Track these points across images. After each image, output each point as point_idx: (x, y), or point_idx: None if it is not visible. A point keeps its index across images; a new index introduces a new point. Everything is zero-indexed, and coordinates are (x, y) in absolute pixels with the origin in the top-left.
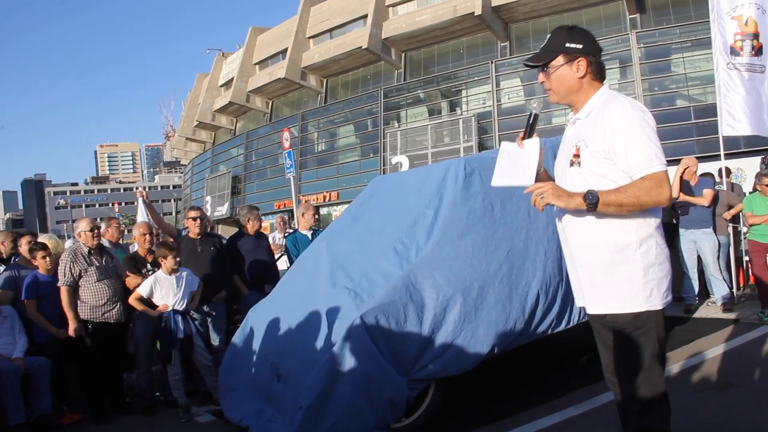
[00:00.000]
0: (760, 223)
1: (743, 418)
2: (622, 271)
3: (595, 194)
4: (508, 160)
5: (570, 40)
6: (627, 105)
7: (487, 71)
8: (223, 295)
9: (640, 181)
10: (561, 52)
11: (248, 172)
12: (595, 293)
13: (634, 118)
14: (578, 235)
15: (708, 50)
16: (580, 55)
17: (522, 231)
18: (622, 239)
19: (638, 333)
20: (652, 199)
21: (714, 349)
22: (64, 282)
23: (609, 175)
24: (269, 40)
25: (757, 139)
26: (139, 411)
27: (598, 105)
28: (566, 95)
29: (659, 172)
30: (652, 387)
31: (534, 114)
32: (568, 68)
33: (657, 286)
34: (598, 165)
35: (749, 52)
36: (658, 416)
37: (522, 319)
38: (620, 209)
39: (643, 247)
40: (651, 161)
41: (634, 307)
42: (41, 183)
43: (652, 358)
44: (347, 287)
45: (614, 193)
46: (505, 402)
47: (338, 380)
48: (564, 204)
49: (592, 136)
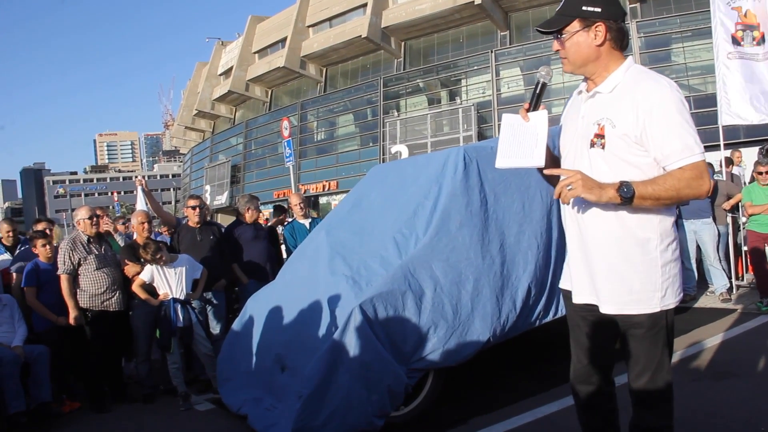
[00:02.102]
0: (759, 213)
1: (740, 407)
2: (640, 268)
3: (630, 187)
4: (512, 136)
5: (587, 3)
6: (665, 85)
7: (487, 60)
8: (223, 283)
9: (680, 171)
10: (577, 16)
11: (247, 161)
12: (608, 290)
13: (674, 101)
14: (596, 226)
15: (708, 40)
16: (599, 19)
17: (515, 224)
18: (643, 233)
19: (651, 333)
20: (693, 191)
21: (712, 338)
22: (64, 270)
23: (638, 162)
24: (268, 29)
25: (756, 128)
26: (139, 399)
27: (626, 81)
28: (582, 65)
29: (699, 161)
30: (662, 384)
31: (542, 83)
32: (584, 34)
33: (672, 284)
34: (626, 150)
35: (750, 42)
36: (667, 413)
37: (514, 312)
38: (657, 203)
39: (662, 244)
40: (692, 149)
41: (648, 307)
42: (40, 172)
43: (663, 356)
44: (346, 275)
45: (651, 185)
46: (503, 391)
47: (337, 369)
48: (596, 197)
49: (621, 116)
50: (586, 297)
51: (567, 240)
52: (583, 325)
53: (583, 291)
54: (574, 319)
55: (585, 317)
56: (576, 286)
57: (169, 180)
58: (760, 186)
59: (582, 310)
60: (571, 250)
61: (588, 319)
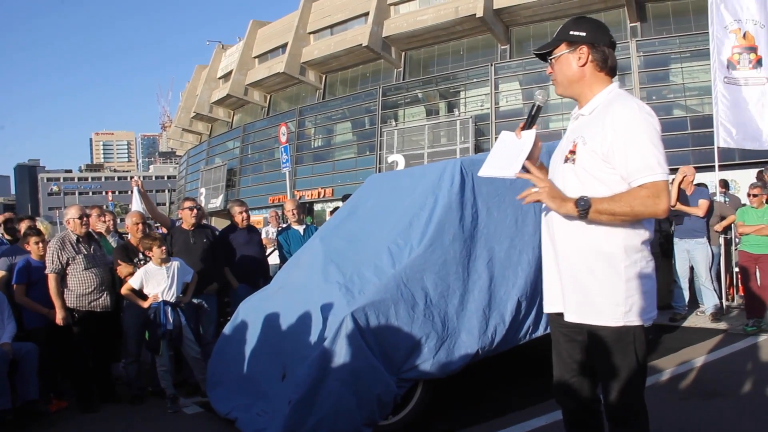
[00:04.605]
0: (749, 233)
1: (726, 427)
2: (605, 282)
3: (587, 201)
4: (502, 150)
5: (574, 28)
6: (634, 106)
7: (487, 73)
8: (215, 287)
9: (638, 189)
10: (565, 39)
11: (243, 166)
12: (574, 300)
13: (640, 121)
14: (565, 238)
15: (707, 61)
16: (583, 42)
17: (506, 239)
18: (606, 248)
19: (618, 348)
20: (648, 209)
21: (701, 358)
22: (52, 269)
23: (605, 179)
24: (269, 34)
25: (751, 151)
26: (127, 400)
27: (603, 103)
28: (568, 85)
29: (659, 181)
30: (631, 401)
31: (537, 105)
32: (570, 56)
33: (638, 301)
34: (594, 166)
35: (747, 65)
36: (638, 429)
37: (503, 326)
38: (613, 218)
39: (628, 259)
40: (651, 168)
41: (611, 320)
42: (35, 169)
43: (632, 372)
44: (339, 282)
45: (608, 201)
46: (492, 403)
47: (327, 376)
48: (555, 207)
49: (592, 134)
50: (556, 306)
51: (542, 252)
52: (562, 340)
53: (555, 301)
54: (555, 334)
55: (564, 332)
56: (548, 296)
57: (164, 181)
58: (752, 207)
59: (562, 325)
60: (545, 261)
61: (566, 334)
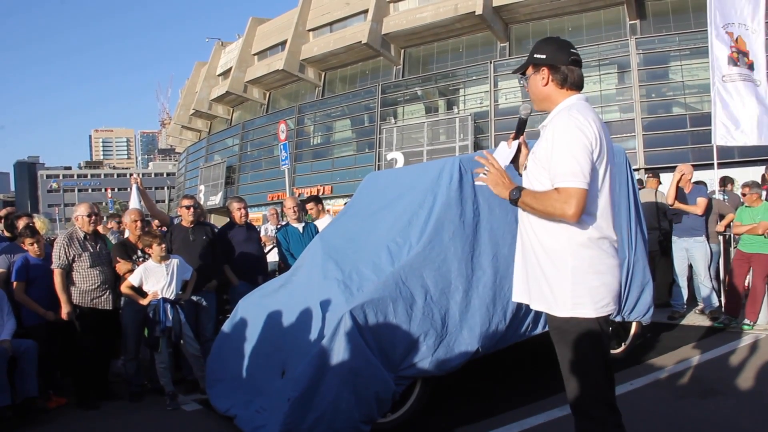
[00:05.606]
0: (743, 233)
1: (724, 425)
2: (550, 275)
3: (519, 192)
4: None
5: (537, 51)
6: (568, 121)
7: (486, 71)
8: (214, 284)
9: (554, 191)
10: (531, 62)
11: (243, 163)
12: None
13: (569, 133)
14: (526, 235)
15: (706, 59)
16: (543, 64)
17: (510, 236)
18: (550, 244)
19: (567, 338)
20: (556, 211)
21: (700, 356)
22: (59, 264)
23: (545, 183)
24: (269, 31)
25: (750, 149)
26: (126, 397)
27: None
28: (539, 102)
29: (571, 188)
30: (581, 393)
31: (520, 118)
32: (536, 77)
33: (589, 294)
34: (538, 172)
35: (744, 65)
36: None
37: (504, 323)
38: (534, 211)
39: (574, 255)
40: (565, 176)
41: (561, 311)
42: (34, 165)
43: (588, 365)
44: (338, 279)
45: (531, 196)
46: (490, 401)
47: (326, 374)
48: (496, 192)
49: (540, 145)
50: (522, 297)
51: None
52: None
53: (521, 292)
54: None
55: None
56: (516, 286)
57: (163, 178)
58: (747, 206)
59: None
60: (516, 254)
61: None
